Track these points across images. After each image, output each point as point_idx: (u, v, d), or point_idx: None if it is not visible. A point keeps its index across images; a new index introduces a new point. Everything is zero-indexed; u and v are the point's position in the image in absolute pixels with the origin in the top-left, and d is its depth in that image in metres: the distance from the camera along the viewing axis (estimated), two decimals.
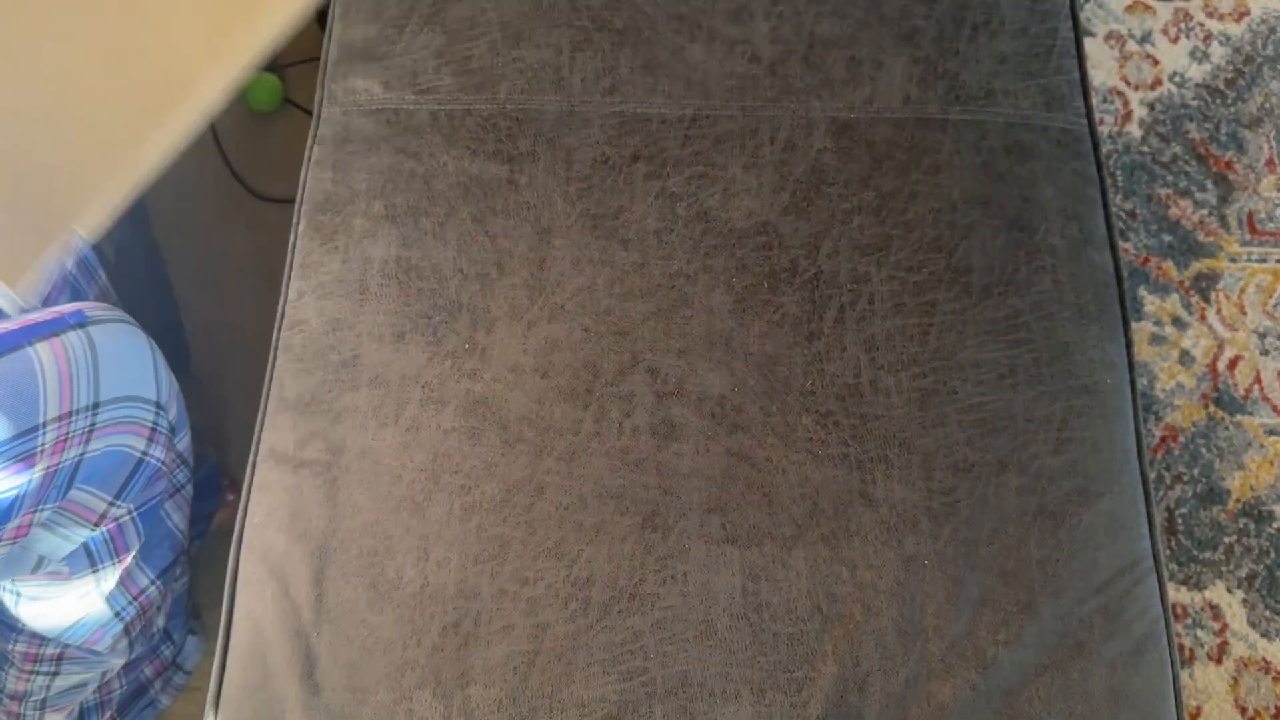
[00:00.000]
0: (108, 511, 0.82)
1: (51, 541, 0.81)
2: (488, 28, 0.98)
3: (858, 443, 0.84)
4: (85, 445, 0.76)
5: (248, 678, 0.78)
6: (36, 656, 0.93)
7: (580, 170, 0.93)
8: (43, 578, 0.85)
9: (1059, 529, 0.82)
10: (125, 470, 0.81)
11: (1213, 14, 1.51)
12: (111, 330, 0.78)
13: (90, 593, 0.88)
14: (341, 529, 0.81)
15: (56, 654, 0.94)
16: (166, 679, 1.13)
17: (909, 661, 0.78)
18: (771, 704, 0.76)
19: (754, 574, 0.80)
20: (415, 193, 0.92)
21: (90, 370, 0.74)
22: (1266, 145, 1.42)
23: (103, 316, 0.79)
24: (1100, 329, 0.89)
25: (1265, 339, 1.32)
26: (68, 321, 0.75)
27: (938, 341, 0.87)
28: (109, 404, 0.76)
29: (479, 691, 0.76)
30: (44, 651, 0.93)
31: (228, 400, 1.26)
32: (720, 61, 0.97)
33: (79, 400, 0.74)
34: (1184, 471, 1.26)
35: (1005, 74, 0.98)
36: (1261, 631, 1.20)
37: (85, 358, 0.75)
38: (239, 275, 1.34)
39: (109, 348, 0.77)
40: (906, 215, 0.91)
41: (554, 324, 0.87)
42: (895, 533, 0.81)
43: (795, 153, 0.94)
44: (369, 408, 0.84)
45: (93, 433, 0.76)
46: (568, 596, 0.79)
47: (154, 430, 0.82)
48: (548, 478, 0.82)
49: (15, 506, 0.72)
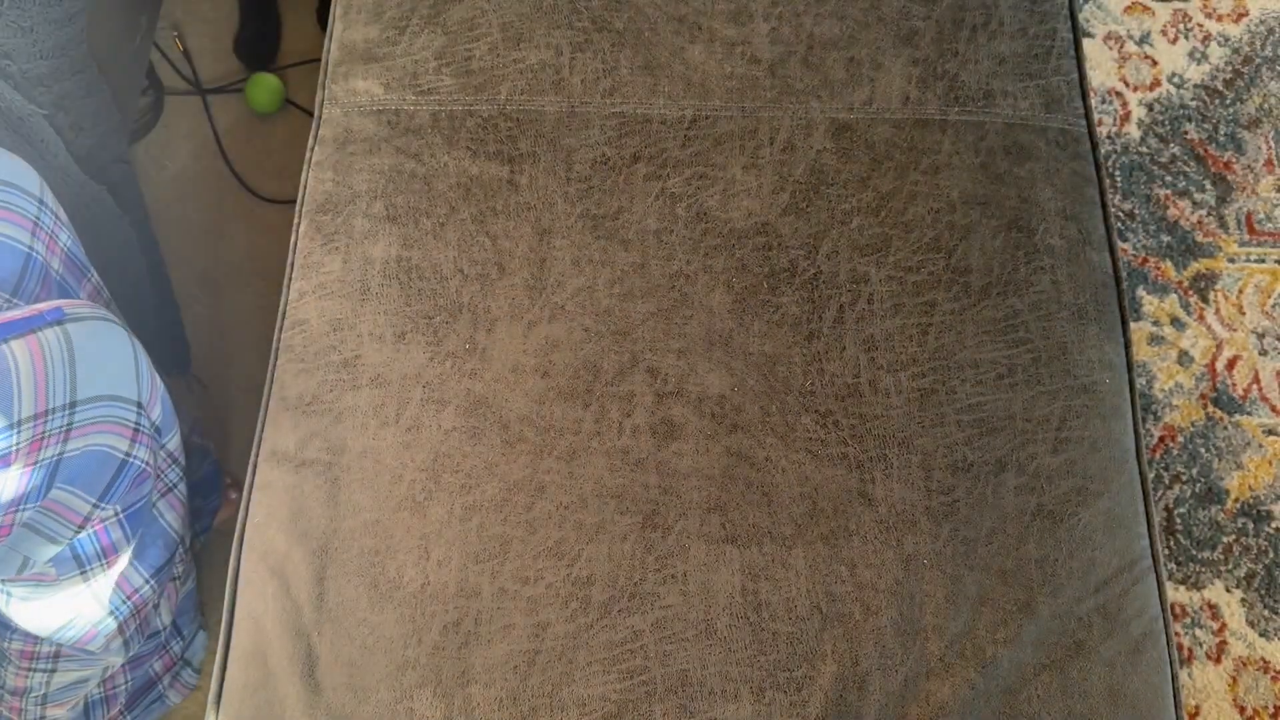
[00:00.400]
0: (91, 513, 0.81)
1: (35, 542, 0.80)
2: (488, 29, 0.98)
3: (857, 442, 0.84)
4: (63, 444, 0.74)
5: (249, 677, 0.78)
6: (33, 654, 0.93)
7: (580, 171, 0.93)
8: (30, 579, 0.85)
9: (1058, 528, 0.82)
10: (108, 471, 0.80)
11: (1211, 15, 1.51)
12: (90, 328, 0.77)
13: (81, 593, 0.88)
14: (342, 528, 0.81)
15: (53, 652, 0.94)
16: (175, 674, 1.13)
17: (908, 660, 0.78)
18: (771, 703, 0.77)
19: (754, 573, 0.80)
20: (416, 193, 0.92)
21: (67, 368, 0.73)
22: (1265, 146, 1.42)
23: (82, 314, 0.77)
24: (1099, 329, 0.89)
25: (1264, 339, 1.33)
26: (45, 319, 0.74)
27: (937, 341, 0.87)
28: (86, 403, 0.75)
29: (479, 690, 0.77)
30: (39, 649, 0.93)
31: (229, 400, 1.26)
32: (720, 62, 0.97)
33: (55, 399, 0.72)
34: (1182, 471, 1.27)
35: (1004, 75, 0.98)
36: (1260, 631, 1.20)
37: (62, 355, 0.73)
38: (239, 275, 1.34)
39: (87, 345, 0.75)
40: (906, 216, 0.92)
41: (554, 324, 0.87)
42: (894, 532, 0.81)
43: (795, 153, 0.94)
44: (370, 408, 0.85)
45: (70, 432, 0.74)
46: (568, 596, 0.79)
47: (136, 430, 0.81)
48: (548, 477, 0.82)
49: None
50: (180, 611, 1.11)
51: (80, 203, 1.03)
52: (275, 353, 0.88)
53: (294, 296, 0.90)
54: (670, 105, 0.96)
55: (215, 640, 0.81)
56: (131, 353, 0.80)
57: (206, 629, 1.18)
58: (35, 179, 0.84)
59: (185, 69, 1.45)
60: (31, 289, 0.84)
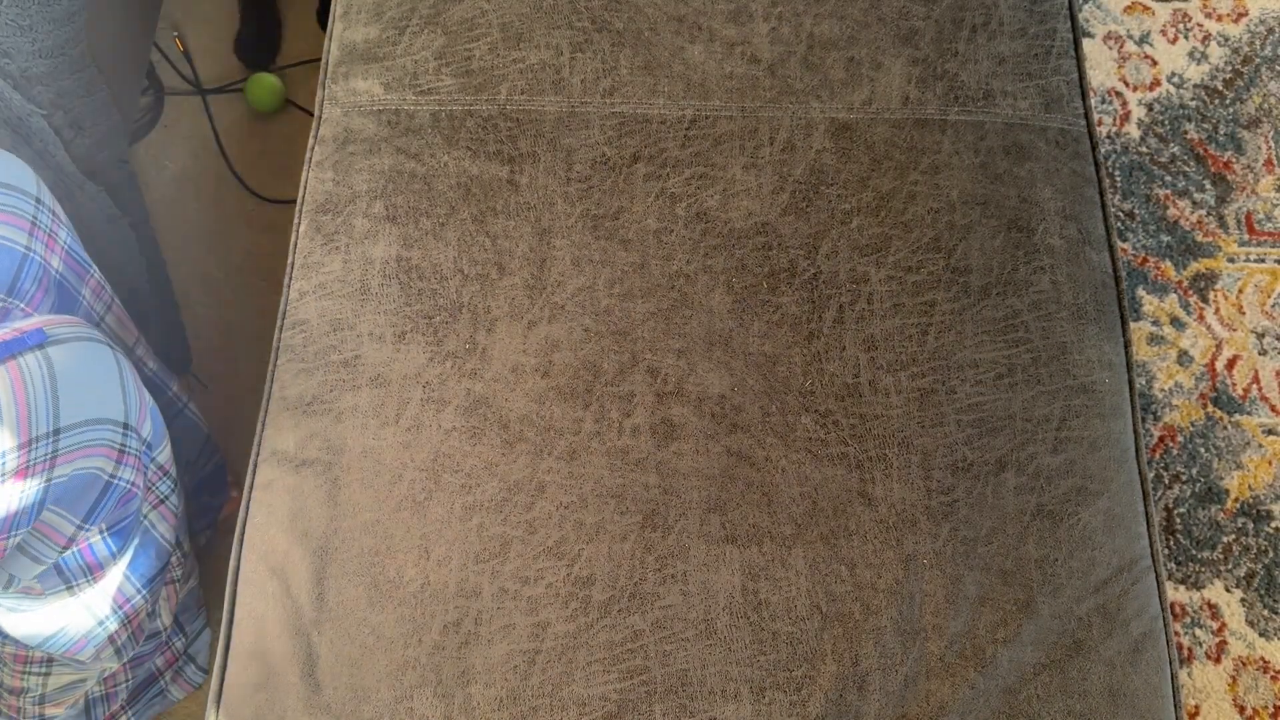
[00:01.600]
0: (76, 534, 0.81)
1: (21, 563, 0.79)
2: (488, 29, 0.98)
3: (857, 442, 0.84)
4: (50, 472, 0.73)
5: (249, 676, 0.79)
6: (26, 659, 0.93)
7: (580, 171, 0.93)
8: (17, 593, 0.84)
9: (1057, 528, 0.82)
10: (93, 493, 0.79)
11: (1211, 15, 1.51)
12: (73, 350, 0.75)
13: (69, 605, 0.87)
14: (342, 528, 0.81)
15: (46, 656, 0.94)
16: (178, 670, 1.13)
17: (908, 660, 0.78)
18: (771, 702, 0.77)
19: (753, 573, 0.80)
20: (416, 193, 0.92)
21: (49, 396, 0.72)
22: (1265, 145, 1.42)
23: (64, 335, 0.76)
24: (1098, 329, 0.89)
25: (1263, 339, 1.33)
26: (26, 343, 0.72)
27: (936, 341, 0.87)
28: (71, 429, 0.74)
29: (479, 690, 0.77)
30: (32, 654, 0.93)
31: (229, 400, 1.26)
32: (720, 62, 0.97)
33: (37, 428, 0.71)
34: (1182, 471, 1.27)
35: (1004, 75, 0.98)
36: (1260, 630, 1.20)
37: (44, 383, 0.72)
38: (239, 275, 1.34)
39: (70, 370, 0.74)
40: (905, 215, 0.92)
41: (554, 324, 0.87)
42: (894, 532, 0.81)
43: (795, 153, 0.94)
44: (370, 407, 0.85)
45: (55, 459, 0.73)
46: (568, 595, 0.79)
47: (122, 451, 0.80)
48: (548, 477, 0.82)
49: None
50: (182, 609, 1.12)
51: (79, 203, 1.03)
52: (275, 353, 0.88)
53: (294, 296, 0.90)
54: (670, 105, 0.96)
55: (216, 639, 0.81)
56: (117, 371, 0.79)
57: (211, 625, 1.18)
58: (32, 177, 0.84)
59: (185, 69, 1.45)
60: (28, 289, 0.83)
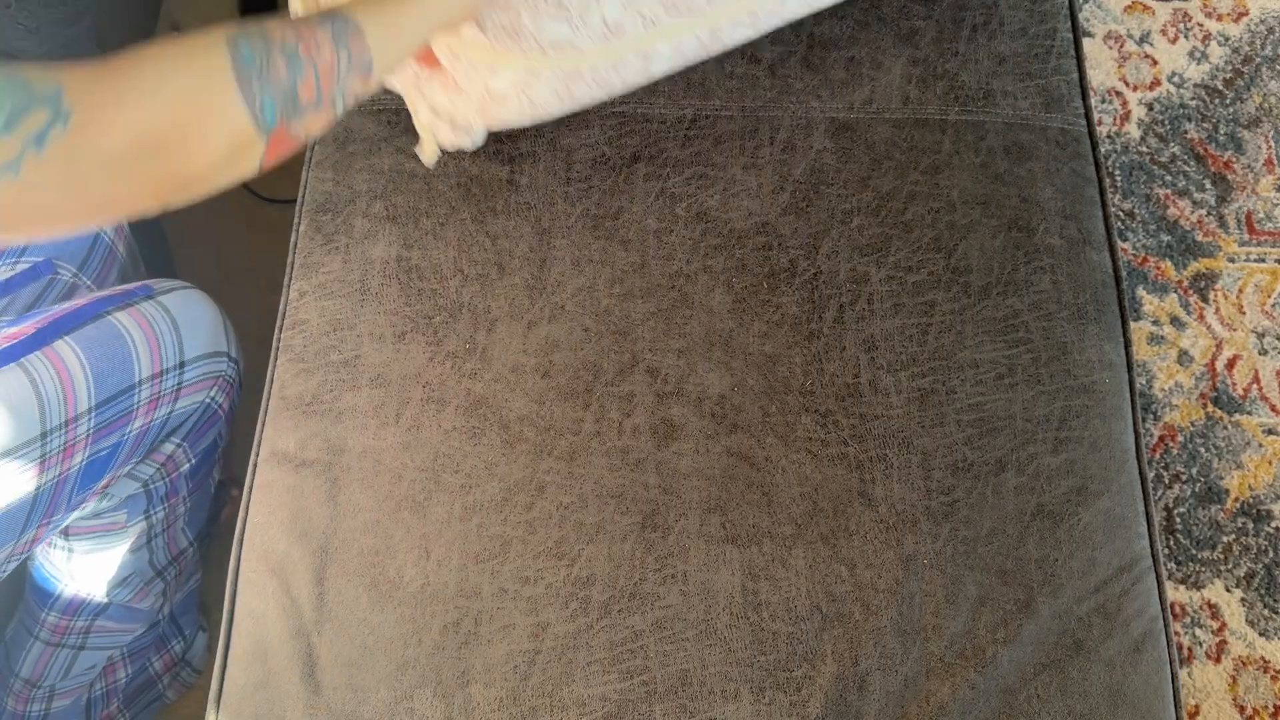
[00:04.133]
0: (174, 454, 0.88)
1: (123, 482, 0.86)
2: None
3: (857, 442, 0.84)
4: (174, 403, 0.82)
5: (249, 676, 0.79)
6: (66, 629, 0.96)
7: (580, 170, 0.93)
8: (100, 529, 0.90)
9: (1057, 528, 0.82)
10: (199, 417, 0.87)
11: (1211, 14, 1.51)
12: (181, 297, 0.84)
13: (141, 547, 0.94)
14: (342, 528, 0.81)
15: (85, 626, 0.96)
16: (175, 674, 1.14)
17: (908, 660, 0.78)
18: (771, 703, 0.77)
19: (753, 573, 0.80)
20: (416, 193, 0.92)
21: (173, 332, 0.80)
22: (1265, 145, 1.42)
23: (168, 286, 0.84)
24: (1099, 329, 0.89)
25: (1264, 339, 1.33)
26: (136, 295, 0.81)
27: (936, 341, 0.87)
28: (193, 362, 0.82)
29: (479, 690, 0.77)
30: (74, 624, 0.96)
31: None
32: (720, 62, 0.97)
33: (167, 360, 0.79)
34: (1182, 471, 1.27)
35: (1004, 74, 0.98)
36: (1260, 630, 1.20)
37: (165, 322, 0.80)
38: (239, 275, 1.34)
39: (183, 312, 0.83)
40: (905, 215, 0.92)
41: (554, 324, 0.87)
42: (894, 532, 0.81)
43: (795, 153, 0.94)
44: (370, 407, 0.85)
45: (180, 390, 0.82)
46: (568, 596, 0.79)
47: (229, 381, 0.89)
48: (548, 477, 0.82)
49: (111, 462, 0.77)
50: (181, 611, 1.12)
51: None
52: (275, 353, 0.88)
53: (294, 296, 0.90)
54: (670, 105, 0.96)
55: (215, 640, 0.81)
56: (219, 313, 0.88)
57: (207, 630, 1.19)
58: None
59: None
60: (94, 267, 0.91)
